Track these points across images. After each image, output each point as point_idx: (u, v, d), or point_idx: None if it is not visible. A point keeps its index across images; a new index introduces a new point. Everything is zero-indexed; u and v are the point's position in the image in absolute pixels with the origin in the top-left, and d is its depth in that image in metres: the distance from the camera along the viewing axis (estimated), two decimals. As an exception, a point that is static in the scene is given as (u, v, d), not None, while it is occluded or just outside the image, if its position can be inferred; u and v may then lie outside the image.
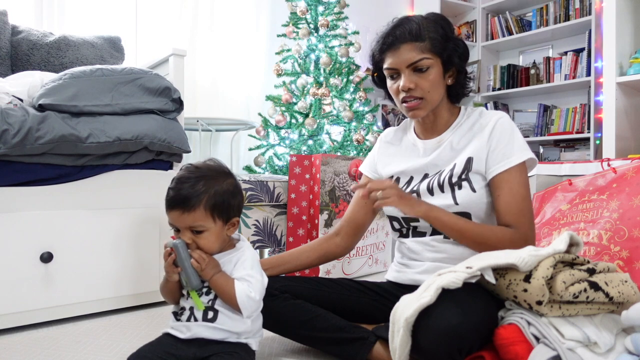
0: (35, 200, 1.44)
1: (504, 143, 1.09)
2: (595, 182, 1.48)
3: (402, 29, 1.09)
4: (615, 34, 1.93)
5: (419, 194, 1.16)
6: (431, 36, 1.09)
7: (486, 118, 1.14)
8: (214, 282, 0.98)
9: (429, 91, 1.10)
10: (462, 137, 1.15)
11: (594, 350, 0.81)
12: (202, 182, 0.98)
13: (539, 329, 0.83)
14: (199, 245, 0.99)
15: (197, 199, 0.97)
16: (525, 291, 0.84)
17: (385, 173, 1.28)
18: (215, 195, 0.99)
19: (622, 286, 0.89)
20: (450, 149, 1.16)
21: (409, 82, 1.09)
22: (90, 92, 1.51)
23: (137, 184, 1.64)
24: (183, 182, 0.98)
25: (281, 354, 1.20)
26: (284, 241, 2.11)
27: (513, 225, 1.06)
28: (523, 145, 1.10)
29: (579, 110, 3.63)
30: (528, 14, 4.03)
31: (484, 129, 1.12)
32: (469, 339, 0.85)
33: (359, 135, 2.44)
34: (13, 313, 1.39)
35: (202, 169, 1.02)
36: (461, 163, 1.12)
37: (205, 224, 0.98)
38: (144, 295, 1.65)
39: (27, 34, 1.96)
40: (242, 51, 2.93)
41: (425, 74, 1.09)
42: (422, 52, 1.08)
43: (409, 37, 1.08)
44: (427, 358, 0.88)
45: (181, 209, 0.96)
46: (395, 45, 1.09)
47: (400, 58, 1.09)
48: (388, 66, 1.12)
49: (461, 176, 1.11)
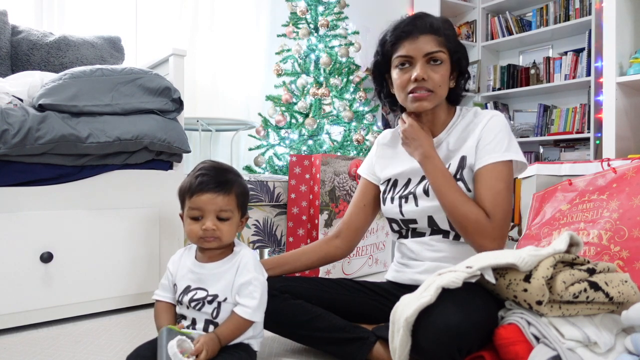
0: (35, 200, 1.44)
1: (491, 139, 1.10)
2: (595, 182, 1.48)
3: (423, 21, 1.11)
4: (615, 34, 1.92)
5: (416, 196, 1.17)
6: (447, 34, 1.12)
7: (480, 117, 1.16)
8: (227, 342, 0.98)
9: (440, 85, 1.11)
10: (458, 138, 1.17)
11: (594, 350, 0.81)
12: (230, 175, 1.03)
13: (539, 329, 0.83)
14: (221, 232, 1.00)
15: (232, 184, 1.01)
16: (525, 291, 0.84)
17: (383, 176, 1.28)
18: (242, 187, 1.04)
19: (622, 286, 0.89)
20: (447, 150, 1.17)
21: (423, 72, 1.09)
22: (90, 92, 1.51)
23: (137, 184, 1.64)
24: (214, 173, 1.01)
25: (281, 354, 1.20)
26: (284, 241, 2.11)
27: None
28: (511, 145, 1.10)
29: (579, 110, 3.63)
30: (528, 14, 4.03)
31: (477, 127, 1.14)
32: (469, 339, 0.85)
33: (359, 135, 2.44)
34: (13, 313, 1.39)
35: (221, 165, 1.06)
36: (455, 163, 1.14)
37: (234, 210, 1.02)
38: (144, 295, 1.65)
39: (27, 34, 1.96)
40: (242, 51, 2.93)
41: (439, 67, 1.11)
42: (439, 45, 1.10)
43: (429, 29, 1.10)
44: (427, 358, 0.88)
45: (216, 192, 0.99)
46: (414, 34, 1.10)
47: (419, 46, 1.09)
48: (403, 53, 1.11)
49: (456, 176, 1.12)
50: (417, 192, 1.17)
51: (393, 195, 1.22)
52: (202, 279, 1.01)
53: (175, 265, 1.07)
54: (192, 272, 1.03)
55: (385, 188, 1.26)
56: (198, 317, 1.00)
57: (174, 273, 1.06)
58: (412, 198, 1.18)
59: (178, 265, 1.06)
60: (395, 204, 1.21)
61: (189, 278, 1.03)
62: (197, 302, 1.00)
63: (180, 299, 1.02)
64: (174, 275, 1.06)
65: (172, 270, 1.07)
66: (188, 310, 1.01)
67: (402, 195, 1.20)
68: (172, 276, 1.06)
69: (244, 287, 0.99)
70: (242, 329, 0.99)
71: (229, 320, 0.98)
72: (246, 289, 0.99)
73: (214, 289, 1.00)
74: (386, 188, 1.26)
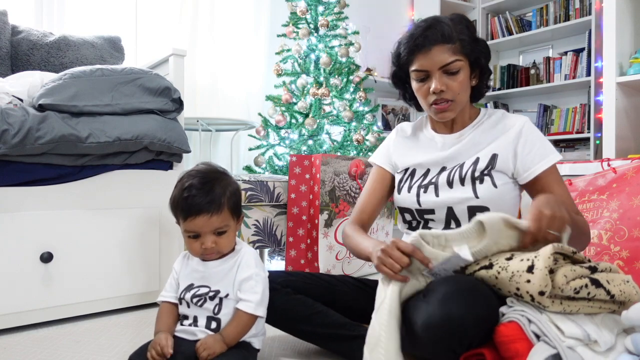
0: (35, 200, 1.44)
1: (539, 145, 1.11)
2: (595, 182, 1.48)
3: (434, 31, 1.08)
4: (615, 34, 1.92)
5: (437, 186, 1.15)
6: (461, 38, 1.09)
7: (511, 120, 1.15)
8: (234, 341, 0.98)
9: (459, 93, 1.10)
10: (485, 134, 1.16)
11: (594, 349, 0.81)
12: (217, 184, 1.01)
13: (539, 327, 0.83)
14: (220, 246, 1.01)
15: (221, 200, 0.99)
16: (528, 282, 0.84)
17: (401, 164, 1.26)
18: (232, 195, 1.03)
19: (624, 285, 0.88)
20: (472, 144, 1.15)
21: (440, 84, 1.08)
22: (90, 92, 1.51)
23: (137, 184, 1.64)
24: (200, 188, 0.99)
25: (280, 354, 1.20)
26: (283, 241, 2.10)
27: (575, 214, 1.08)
28: (553, 147, 1.13)
29: (579, 110, 3.62)
30: (528, 14, 4.02)
31: (510, 130, 1.13)
32: (471, 332, 0.85)
33: (359, 135, 2.44)
34: (13, 313, 1.39)
35: (207, 173, 1.03)
36: (485, 158, 1.12)
37: (230, 223, 1.02)
38: (144, 295, 1.65)
39: (27, 34, 1.96)
40: (242, 51, 2.93)
41: (456, 76, 1.09)
42: (453, 54, 1.07)
43: (441, 39, 1.07)
44: (427, 350, 0.88)
45: (209, 213, 0.98)
46: (427, 47, 1.08)
47: (433, 60, 1.08)
48: (418, 68, 1.10)
49: (484, 171, 1.11)
50: (440, 182, 1.15)
51: (411, 184, 1.19)
52: (205, 277, 1.03)
53: (180, 265, 1.10)
54: (196, 270, 1.05)
55: (402, 177, 1.23)
56: (199, 314, 1.01)
57: (179, 272, 1.08)
58: (433, 188, 1.15)
59: (182, 264, 1.09)
60: (412, 193, 1.18)
61: (193, 276, 1.05)
62: (199, 298, 1.01)
63: (182, 296, 1.04)
64: (179, 273, 1.08)
65: (177, 269, 1.09)
66: (189, 308, 1.03)
67: (421, 184, 1.17)
68: (177, 274, 1.08)
69: (245, 283, 1.01)
70: (247, 326, 1.00)
71: (232, 319, 0.99)
72: (247, 284, 1.01)
73: (217, 285, 1.02)
74: (403, 177, 1.23)
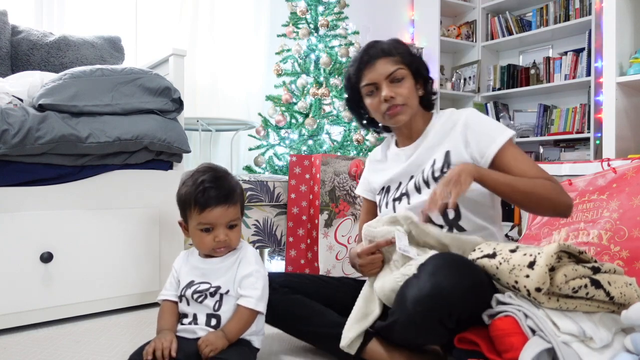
0: (35, 200, 1.44)
1: (487, 128, 1.14)
2: (595, 182, 1.48)
3: (375, 49, 1.19)
4: (615, 34, 1.92)
5: (408, 194, 1.20)
6: (400, 51, 1.20)
7: (456, 115, 1.20)
8: (235, 337, 0.99)
9: (409, 97, 1.18)
10: (437, 135, 1.20)
11: (589, 345, 0.81)
12: (229, 180, 1.05)
13: (535, 322, 0.84)
14: (231, 240, 1.03)
15: (234, 191, 1.04)
16: (527, 277, 0.85)
17: (378, 185, 1.32)
18: (240, 188, 1.07)
19: (626, 288, 0.88)
20: (428, 147, 1.21)
21: (389, 91, 1.16)
22: (90, 92, 1.51)
23: (137, 184, 1.64)
24: (215, 181, 1.02)
25: (280, 353, 1.20)
26: (283, 241, 2.11)
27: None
28: (502, 126, 1.16)
29: (579, 110, 3.62)
30: (528, 14, 4.02)
31: (457, 124, 1.17)
32: (460, 302, 0.86)
33: (359, 135, 2.44)
34: (13, 313, 1.39)
35: (216, 170, 1.07)
36: (440, 158, 1.16)
37: (240, 217, 1.06)
38: (144, 295, 1.65)
39: (27, 34, 1.96)
40: (242, 51, 2.93)
41: (402, 83, 1.18)
42: (395, 64, 1.17)
43: (382, 54, 1.18)
44: (416, 322, 0.89)
45: (227, 204, 1.01)
46: (371, 62, 1.18)
47: (378, 72, 1.17)
48: (367, 82, 1.19)
49: (442, 169, 1.14)
50: (409, 190, 1.20)
51: (387, 200, 1.25)
52: (206, 274, 1.04)
53: (180, 263, 1.10)
54: (197, 267, 1.06)
55: (380, 196, 1.30)
56: (199, 311, 1.02)
57: (179, 270, 1.09)
58: (405, 197, 1.20)
59: (182, 263, 1.10)
60: (389, 208, 1.23)
61: (194, 273, 1.06)
62: (199, 295, 1.02)
63: (183, 293, 1.04)
64: (178, 271, 1.09)
65: (177, 267, 1.10)
66: (189, 306, 1.03)
67: (395, 197, 1.23)
68: (177, 273, 1.09)
69: (245, 279, 1.02)
70: (248, 322, 1.00)
71: (233, 315, 1.00)
72: (248, 280, 1.02)
73: (217, 281, 1.03)
74: (380, 196, 1.29)
